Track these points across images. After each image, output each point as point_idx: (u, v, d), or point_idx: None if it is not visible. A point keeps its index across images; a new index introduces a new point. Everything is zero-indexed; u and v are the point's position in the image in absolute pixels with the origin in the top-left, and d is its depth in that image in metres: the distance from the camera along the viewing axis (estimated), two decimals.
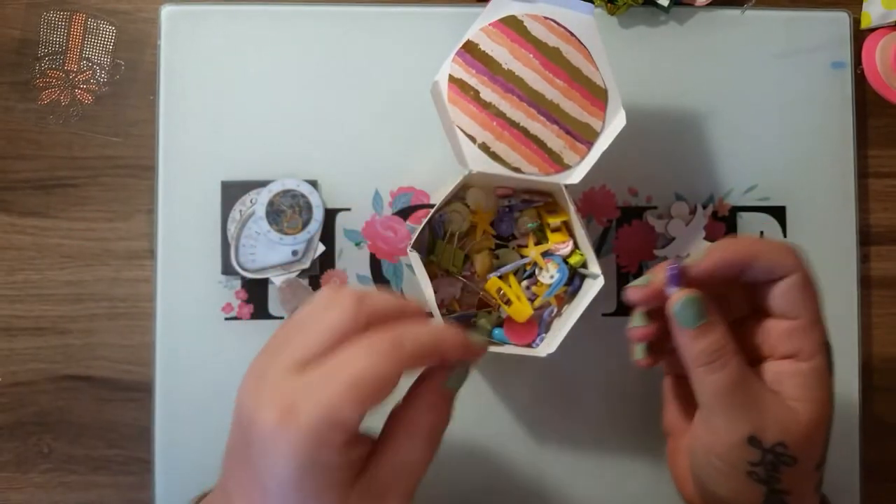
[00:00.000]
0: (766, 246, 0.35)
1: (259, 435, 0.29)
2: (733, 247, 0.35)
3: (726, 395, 0.33)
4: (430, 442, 0.35)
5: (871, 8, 0.56)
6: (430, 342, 0.33)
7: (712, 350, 0.33)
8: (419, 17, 0.54)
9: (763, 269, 0.35)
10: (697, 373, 0.34)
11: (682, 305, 0.34)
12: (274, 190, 0.52)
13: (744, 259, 0.34)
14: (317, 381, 0.30)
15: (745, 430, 0.33)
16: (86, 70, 0.54)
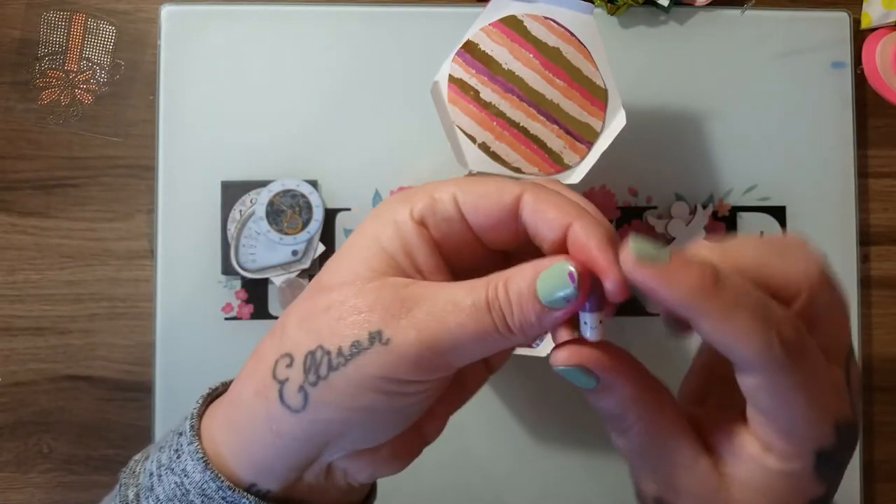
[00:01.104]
0: (717, 306, 0.22)
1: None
2: (695, 283, 0.22)
3: (630, 457, 0.27)
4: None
5: (871, 8, 0.56)
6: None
7: (609, 415, 0.26)
8: (419, 17, 0.54)
9: (716, 338, 0.23)
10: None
11: (567, 373, 0.25)
12: (274, 190, 0.52)
13: (691, 306, 0.22)
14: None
15: (653, 492, 0.27)
16: (86, 70, 0.54)
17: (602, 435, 0.54)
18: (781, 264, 0.25)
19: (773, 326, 0.23)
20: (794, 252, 0.25)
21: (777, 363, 0.23)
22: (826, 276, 0.25)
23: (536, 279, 0.24)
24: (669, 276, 0.22)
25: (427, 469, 0.53)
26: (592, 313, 0.25)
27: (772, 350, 0.22)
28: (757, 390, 0.24)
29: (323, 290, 0.27)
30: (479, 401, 0.53)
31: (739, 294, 0.23)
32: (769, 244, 0.26)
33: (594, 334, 0.25)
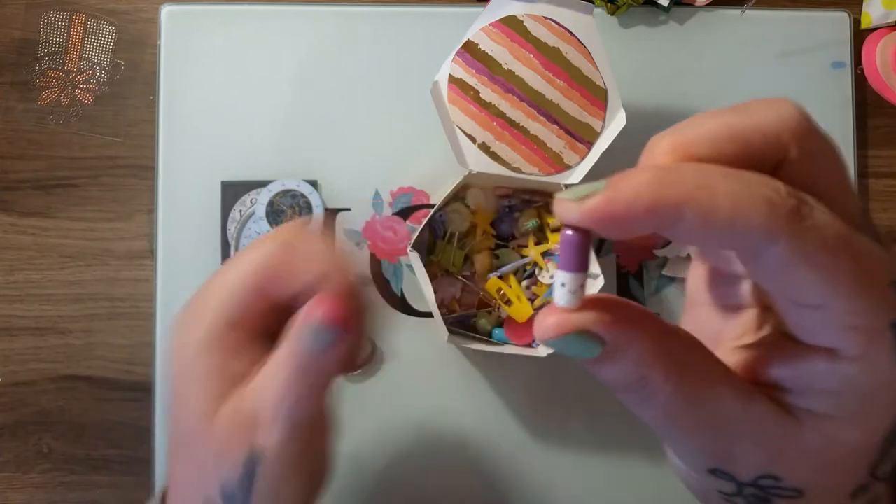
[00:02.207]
0: (714, 180, 0.18)
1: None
2: (643, 181, 0.18)
3: (665, 426, 0.22)
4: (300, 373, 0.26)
5: (871, 8, 0.56)
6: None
7: (625, 384, 0.21)
8: (419, 17, 0.54)
9: (702, 230, 0.18)
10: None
11: (561, 346, 0.20)
12: (274, 190, 0.52)
13: (655, 211, 0.18)
14: (195, 298, 0.31)
15: (705, 463, 0.22)
16: (86, 70, 0.54)
17: (602, 434, 0.54)
18: (751, 119, 0.20)
19: (760, 186, 0.18)
20: (761, 105, 0.21)
21: (791, 220, 0.18)
22: (808, 120, 0.21)
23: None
24: (613, 199, 0.18)
25: (428, 469, 0.53)
26: (574, 273, 0.20)
27: (776, 208, 0.18)
28: (786, 271, 0.18)
29: (190, 434, 0.28)
30: (479, 401, 0.53)
31: (703, 173, 0.18)
32: (732, 108, 0.21)
33: (572, 300, 0.20)
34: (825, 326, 0.19)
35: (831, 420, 0.21)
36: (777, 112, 0.20)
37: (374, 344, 0.52)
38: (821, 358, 0.20)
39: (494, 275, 0.49)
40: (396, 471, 0.52)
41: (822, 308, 0.19)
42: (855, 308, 0.19)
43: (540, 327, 0.20)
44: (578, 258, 0.19)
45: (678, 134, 0.20)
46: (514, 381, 0.53)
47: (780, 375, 0.21)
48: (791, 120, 0.20)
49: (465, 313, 0.49)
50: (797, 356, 0.21)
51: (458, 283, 0.49)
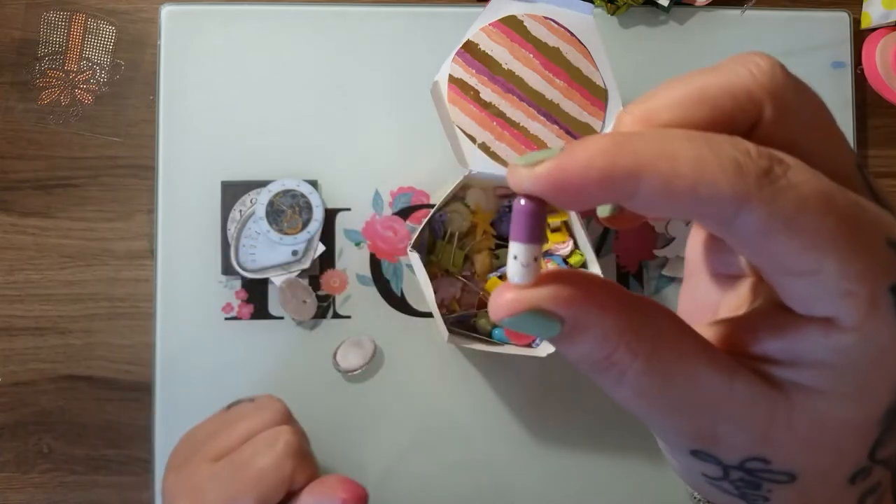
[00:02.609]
0: (675, 145, 0.16)
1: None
2: (598, 147, 0.16)
3: (639, 407, 0.20)
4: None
5: (871, 8, 0.56)
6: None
7: (591, 363, 0.19)
8: (419, 18, 0.54)
9: (663, 199, 0.17)
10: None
11: (518, 325, 0.18)
12: (274, 190, 0.52)
13: (610, 179, 0.16)
14: (225, 473, 0.37)
15: (685, 445, 0.20)
16: (86, 70, 0.54)
17: (601, 434, 0.54)
18: (719, 79, 0.19)
19: (727, 147, 0.16)
20: (732, 62, 0.19)
21: (762, 182, 0.16)
22: (784, 73, 0.19)
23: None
24: (565, 165, 0.16)
25: (428, 468, 0.53)
26: (526, 244, 0.18)
27: (743, 170, 0.16)
28: (765, 238, 0.17)
29: None
30: (479, 400, 0.53)
31: (664, 138, 0.17)
32: (702, 70, 0.19)
33: (525, 273, 0.18)
34: (818, 294, 0.17)
35: (824, 395, 0.19)
36: (747, 68, 0.19)
37: (375, 344, 0.52)
38: (815, 328, 0.18)
39: (494, 275, 0.49)
40: (396, 470, 0.52)
41: (812, 274, 0.17)
42: (849, 271, 0.17)
43: (493, 305, 0.18)
44: (531, 228, 0.18)
45: (644, 103, 0.19)
46: (514, 381, 0.53)
47: (772, 347, 0.19)
48: (762, 75, 0.19)
49: (465, 313, 0.49)
50: (790, 327, 0.19)
51: (458, 283, 0.49)
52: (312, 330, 0.53)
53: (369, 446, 0.52)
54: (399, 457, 0.53)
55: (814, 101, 0.20)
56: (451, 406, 0.53)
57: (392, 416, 0.53)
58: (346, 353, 0.52)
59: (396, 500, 0.52)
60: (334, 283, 0.53)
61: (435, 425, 0.53)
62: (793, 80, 0.19)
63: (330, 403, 0.52)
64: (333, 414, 0.52)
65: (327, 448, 0.50)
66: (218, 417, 0.43)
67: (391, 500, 0.52)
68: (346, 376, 0.52)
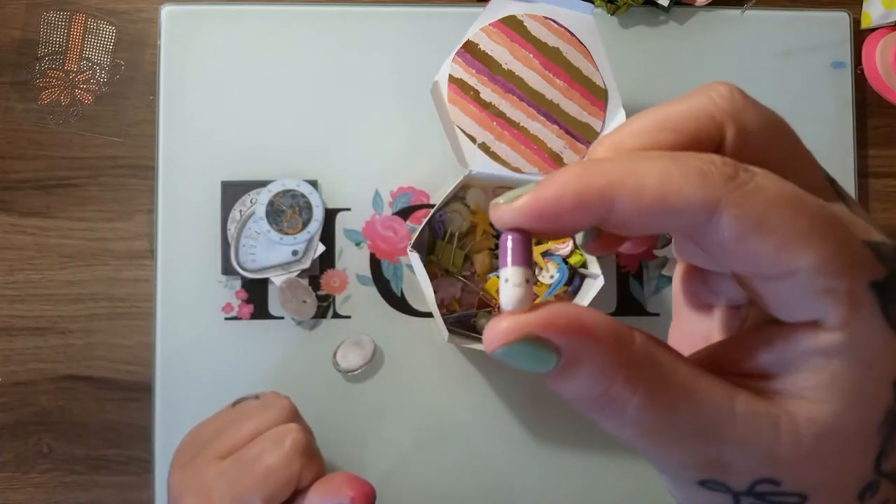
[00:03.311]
0: (640, 164, 0.17)
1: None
2: (569, 175, 0.18)
3: (642, 444, 0.20)
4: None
5: (871, 8, 0.56)
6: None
7: (588, 400, 0.19)
8: (419, 18, 0.54)
9: (637, 213, 0.17)
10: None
11: (512, 357, 0.18)
12: (274, 190, 0.52)
13: (584, 202, 0.17)
14: (232, 472, 0.38)
15: (693, 476, 0.20)
16: (86, 70, 0.54)
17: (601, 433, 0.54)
18: (681, 106, 0.20)
19: (691, 159, 0.17)
20: (695, 91, 0.20)
21: (728, 186, 0.17)
22: (742, 96, 0.20)
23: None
24: (540, 195, 0.18)
25: (428, 468, 0.53)
26: (515, 267, 0.18)
27: (709, 177, 0.17)
28: (737, 242, 0.17)
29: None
30: (479, 400, 0.53)
31: (630, 158, 0.18)
32: (668, 101, 0.20)
33: (518, 294, 0.18)
34: (798, 296, 0.18)
35: (822, 403, 0.18)
36: (707, 94, 0.20)
37: (375, 344, 0.52)
38: (802, 333, 0.18)
39: (494, 275, 0.49)
40: (396, 470, 0.52)
41: (789, 276, 0.17)
42: (826, 268, 0.17)
43: (488, 336, 0.18)
44: (517, 253, 0.18)
45: (610, 135, 0.20)
46: (514, 381, 0.53)
47: (764, 361, 0.19)
48: (721, 99, 0.20)
49: (465, 313, 0.49)
50: (778, 337, 0.19)
51: (458, 283, 0.49)
52: (312, 330, 0.53)
53: (369, 446, 0.52)
54: (399, 456, 0.53)
55: (776, 122, 0.20)
56: (451, 406, 0.53)
57: (392, 415, 0.53)
58: (347, 353, 0.52)
59: (397, 499, 0.52)
60: (334, 283, 0.53)
61: (435, 425, 0.53)
62: (752, 101, 0.20)
63: (330, 403, 0.52)
64: (333, 414, 0.52)
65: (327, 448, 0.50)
66: (224, 415, 0.43)
67: (391, 500, 0.52)
68: (346, 376, 0.52)
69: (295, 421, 0.41)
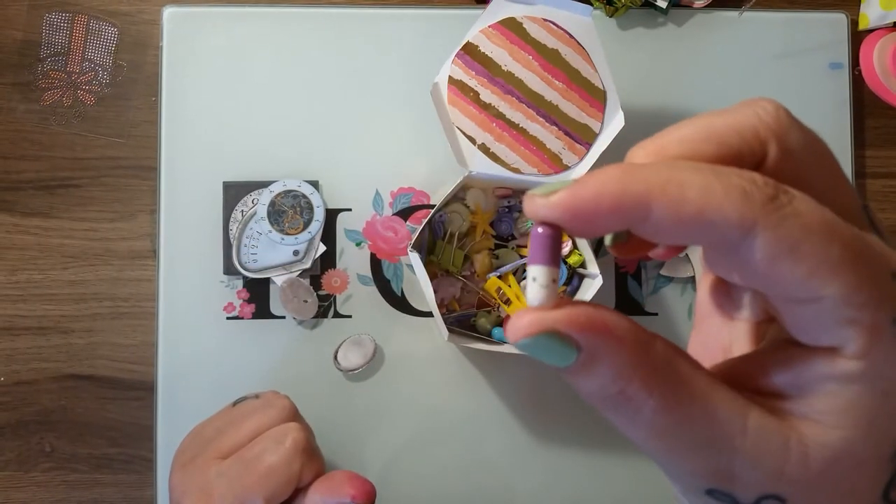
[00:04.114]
0: (683, 174, 0.17)
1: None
2: (610, 176, 0.18)
3: (654, 447, 0.20)
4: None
5: (869, 9, 0.56)
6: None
7: (604, 398, 0.19)
8: (419, 19, 0.54)
9: (672, 224, 0.17)
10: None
11: (533, 349, 0.19)
12: (275, 190, 0.52)
13: (622, 205, 0.17)
14: (233, 471, 0.38)
15: (701, 484, 0.20)
16: (88, 71, 0.55)
17: (601, 433, 0.54)
18: (726, 119, 0.20)
19: (734, 176, 0.17)
20: (740, 105, 0.20)
21: (768, 208, 0.17)
22: (787, 116, 0.20)
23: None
24: (579, 193, 0.17)
25: (428, 468, 0.53)
26: (544, 266, 0.18)
27: (750, 197, 0.17)
28: (770, 264, 0.17)
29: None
30: (478, 399, 0.53)
31: (673, 167, 0.17)
32: (711, 112, 0.20)
33: (544, 295, 0.18)
34: (822, 322, 0.18)
35: (834, 429, 0.19)
36: (753, 110, 0.20)
37: (375, 343, 0.52)
38: (821, 358, 0.18)
39: (494, 274, 0.49)
40: (396, 469, 0.53)
41: (816, 302, 0.17)
42: (852, 299, 0.17)
43: (511, 327, 0.19)
44: (548, 251, 0.18)
45: (654, 140, 0.20)
46: (514, 381, 0.53)
47: (779, 381, 0.20)
48: (767, 116, 0.20)
49: (465, 313, 0.50)
50: (796, 359, 0.19)
51: (458, 283, 0.50)
52: (313, 329, 0.53)
53: (369, 445, 0.53)
54: (399, 455, 0.53)
55: (818, 143, 0.20)
56: (451, 405, 0.53)
57: (392, 415, 0.53)
58: (347, 353, 0.52)
59: (397, 498, 0.53)
60: (335, 283, 0.53)
61: (435, 424, 0.53)
62: (797, 122, 0.20)
63: (330, 402, 0.53)
64: (334, 413, 0.52)
65: (328, 447, 0.50)
66: (224, 414, 0.43)
67: (391, 499, 0.53)
68: (346, 375, 0.52)
69: (295, 420, 0.41)
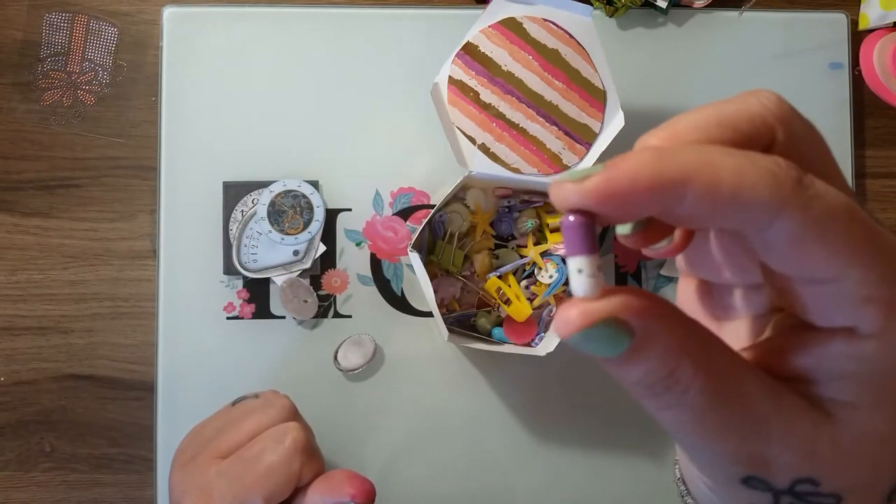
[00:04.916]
0: (716, 157, 0.17)
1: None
2: (644, 159, 0.17)
3: (694, 430, 0.20)
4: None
5: (869, 9, 0.56)
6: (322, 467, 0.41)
7: (651, 382, 0.19)
8: (419, 19, 0.54)
9: (707, 206, 0.17)
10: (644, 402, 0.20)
11: (588, 340, 0.18)
12: (275, 190, 0.52)
13: (658, 187, 0.17)
14: (233, 471, 0.38)
15: (737, 472, 0.20)
16: (88, 71, 0.55)
17: (601, 433, 0.54)
18: (735, 105, 0.20)
19: (762, 159, 0.18)
20: (744, 94, 0.21)
21: (795, 190, 0.17)
22: (788, 104, 0.21)
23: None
24: (614, 177, 0.17)
25: (428, 468, 0.53)
26: (587, 255, 0.18)
27: (779, 179, 0.17)
28: (795, 244, 0.17)
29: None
30: (478, 399, 0.53)
31: (704, 150, 0.18)
32: (715, 102, 0.21)
33: (592, 284, 0.18)
34: (840, 302, 0.18)
35: (857, 408, 0.19)
36: (757, 98, 0.21)
37: (375, 343, 0.52)
38: (839, 339, 0.19)
39: (494, 274, 0.49)
40: (396, 469, 0.53)
41: (835, 282, 0.18)
42: (870, 277, 0.18)
43: (562, 321, 0.18)
44: (588, 240, 0.18)
45: (667, 127, 0.20)
46: (514, 381, 0.53)
47: (802, 365, 0.20)
48: (772, 104, 0.20)
49: (465, 313, 0.50)
50: (815, 342, 0.19)
51: (458, 283, 0.50)
52: (313, 329, 0.53)
53: (369, 445, 0.53)
54: (399, 455, 0.53)
55: (815, 133, 0.21)
56: (451, 405, 0.53)
57: (392, 415, 0.53)
58: (347, 353, 0.52)
59: (397, 498, 0.53)
60: (335, 283, 0.53)
61: (435, 424, 0.53)
62: (797, 111, 0.21)
63: (330, 402, 0.53)
64: (334, 413, 0.52)
65: (328, 447, 0.50)
66: (224, 414, 0.43)
67: (391, 499, 0.53)
68: (346, 375, 0.52)
69: (295, 419, 0.41)
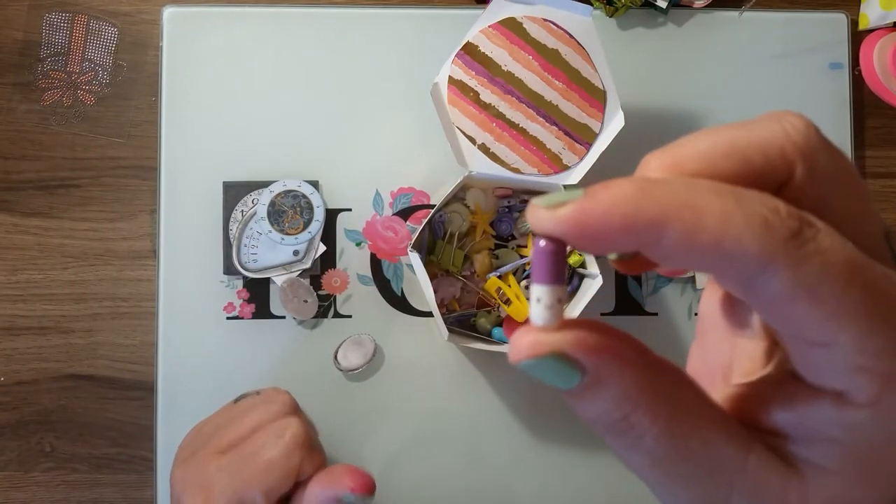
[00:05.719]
0: (702, 197, 0.16)
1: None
2: (622, 193, 0.16)
3: (653, 476, 0.19)
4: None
5: (869, 9, 0.56)
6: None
7: (606, 423, 0.18)
8: (419, 19, 0.54)
9: (685, 252, 0.16)
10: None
11: (536, 369, 0.17)
12: (275, 190, 0.52)
13: (632, 225, 0.16)
14: (233, 466, 0.38)
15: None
16: (88, 71, 0.55)
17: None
18: (751, 133, 0.18)
19: (756, 204, 0.16)
20: (766, 119, 0.19)
21: (790, 244, 0.16)
22: (817, 135, 0.18)
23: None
24: (588, 209, 0.16)
25: (428, 468, 0.53)
26: (549, 286, 0.17)
27: (772, 230, 0.15)
28: (785, 303, 0.16)
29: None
30: (478, 399, 0.53)
31: (691, 188, 0.16)
32: (735, 123, 0.19)
33: (549, 316, 0.17)
34: (832, 366, 0.17)
35: (836, 475, 0.18)
36: (781, 126, 0.18)
37: (375, 343, 0.52)
38: (827, 402, 0.17)
39: (494, 274, 0.49)
40: (396, 469, 0.53)
41: (828, 346, 0.16)
42: (865, 347, 0.16)
43: (514, 347, 0.17)
44: (553, 270, 0.17)
45: (671, 151, 0.19)
46: (514, 381, 0.53)
47: (783, 420, 0.19)
48: (797, 134, 0.18)
49: (465, 313, 0.50)
50: (801, 399, 0.18)
51: (458, 283, 0.50)
52: (313, 329, 0.53)
53: (369, 445, 0.53)
54: (399, 455, 0.53)
55: (846, 165, 0.19)
56: (450, 405, 0.53)
57: (392, 414, 0.53)
58: (347, 353, 0.52)
59: (397, 498, 0.53)
60: (335, 283, 0.53)
61: (434, 424, 0.53)
62: (827, 142, 0.19)
63: (330, 402, 0.53)
64: (334, 412, 0.52)
65: (328, 447, 0.50)
66: (225, 411, 0.43)
67: (391, 499, 0.53)
68: (346, 375, 0.53)
69: (295, 415, 0.41)
